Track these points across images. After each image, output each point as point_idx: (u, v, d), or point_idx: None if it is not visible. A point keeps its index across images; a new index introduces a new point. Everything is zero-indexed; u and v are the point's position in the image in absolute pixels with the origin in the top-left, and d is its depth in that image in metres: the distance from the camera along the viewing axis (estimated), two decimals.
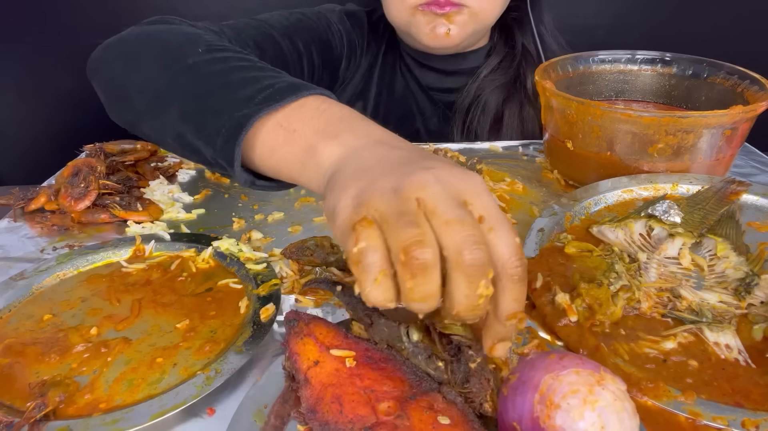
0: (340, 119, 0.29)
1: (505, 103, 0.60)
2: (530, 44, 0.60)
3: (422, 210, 0.21)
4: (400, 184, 0.22)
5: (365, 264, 0.21)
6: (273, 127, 0.30)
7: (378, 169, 0.24)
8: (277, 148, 0.29)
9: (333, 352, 0.25)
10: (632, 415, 0.20)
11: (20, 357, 0.30)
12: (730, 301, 0.31)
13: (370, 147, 0.26)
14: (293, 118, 0.29)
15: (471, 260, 0.20)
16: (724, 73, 0.49)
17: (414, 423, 0.21)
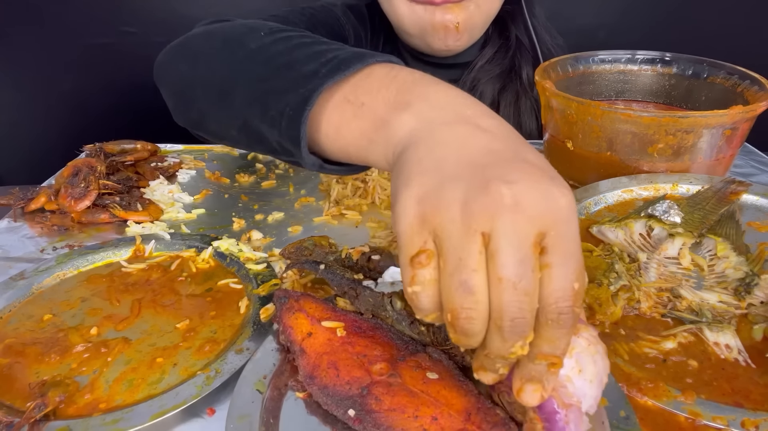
0: (413, 84, 0.25)
1: (500, 93, 0.60)
2: (524, 36, 0.60)
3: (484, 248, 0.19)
4: (470, 200, 0.19)
5: (417, 306, 0.21)
6: (339, 102, 0.27)
7: (452, 163, 0.21)
8: (344, 125, 0.27)
9: (324, 324, 0.26)
10: (604, 357, 0.22)
11: (20, 357, 0.29)
12: (730, 301, 0.31)
13: (449, 124, 0.23)
14: (360, 89, 0.27)
15: (510, 327, 0.19)
16: (724, 73, 0.49)
17: (406, 379, 0.24)
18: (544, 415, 0.22)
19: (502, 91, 0.60)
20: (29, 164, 0.67)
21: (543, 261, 0.19)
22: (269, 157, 0.56)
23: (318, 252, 0.36)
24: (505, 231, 0.19)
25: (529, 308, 0.19)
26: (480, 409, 0.23)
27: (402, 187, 0.21)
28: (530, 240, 0.19)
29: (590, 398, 0.22)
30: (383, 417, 0.23)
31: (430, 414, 0.23)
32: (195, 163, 0.54)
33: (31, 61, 0.80)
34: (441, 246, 0.20)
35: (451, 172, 0.20)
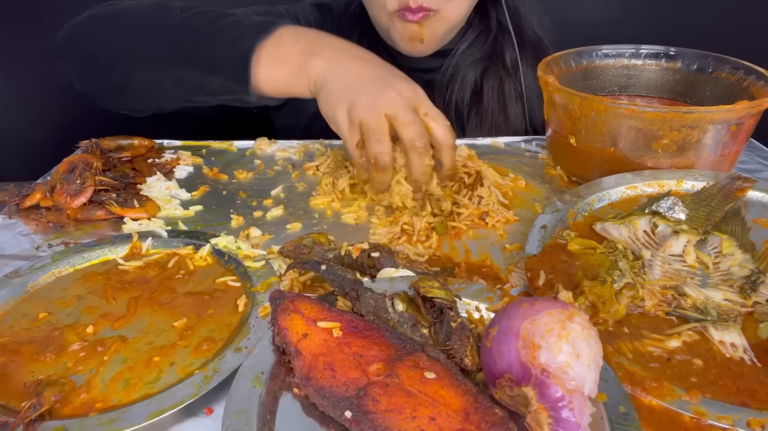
0: (316, 39, 0.42)
1: (483, 77, 0.60)
2: (505, 20, 0.60)
3: (391, 122, 0.38)
4: (375, 102, 0.38)
5: (359, 164, 0.40)
6: (267, 58, 0.42)
7: (357, 85, 0.39)
8: (273, 71, 0.42)
9: (320, 324, 0.26)
10: (597, 340, 0.23)
11: (15, 356, 0.29)
12: (736, 299, 0.31)
13: (347, 60, 0.41)
14: (280, 47, 0.42)
15: (420, 145, 0.38)
16: (730, 68, 0.48)
17: (403, 380, 0.24)
18: (549, 403, 0.22)
19: (485, 75, 0.60)
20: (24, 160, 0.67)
21: (427, 119, 0.39)
22: (268, 154, 0.55)
23: (317, 249, 0.36)
24: (398, 107, 0.38)
25: (424, 134, 0.38)
26: (479, 409, 0.23)
27: (335, 107, 0.39)
28: (411, 107, 0.39)
29: (590, 382, 0.22)
30: (380, 418, 0.22)
31: (428, 414, 0.22)
32: (192, 159, 0.53)
33: (25, 55, 0.79)
34: (365, 131, 0.38)
35: (359, 90, 0.39)
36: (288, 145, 0.56)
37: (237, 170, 0.51)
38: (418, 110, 0.39)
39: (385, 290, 0.30)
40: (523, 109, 0.61)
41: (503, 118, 0.61)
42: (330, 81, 0.40)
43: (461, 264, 0.37)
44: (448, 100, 0.60)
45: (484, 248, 0.39)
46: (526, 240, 0.36)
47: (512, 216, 0.42)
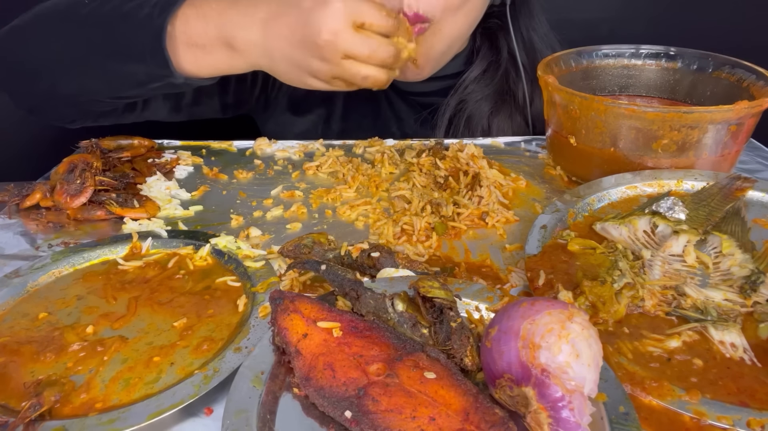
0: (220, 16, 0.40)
1: (492, 117, 0.56)
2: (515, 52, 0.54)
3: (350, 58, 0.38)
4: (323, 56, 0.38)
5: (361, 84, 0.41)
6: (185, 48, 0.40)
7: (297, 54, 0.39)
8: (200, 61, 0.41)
9: (320, 324, 0.26)
10: (597, 340, 0.23)
11: (15, 356, 0.29)
12: (736, 299, 0.31)
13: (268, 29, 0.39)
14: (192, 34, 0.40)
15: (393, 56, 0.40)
16: (729, 68, 0.48)
17: (403, 380, 0.24)
18: (549, 403, 0.22)
19: (495, 114, 0.56)
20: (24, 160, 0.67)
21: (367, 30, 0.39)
22: (268, 154, 0.55)
23: (317, 249, 0.36)
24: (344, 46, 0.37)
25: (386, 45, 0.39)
26: (478, 409, 0.23)
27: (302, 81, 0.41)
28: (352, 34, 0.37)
29: (590, 381, 0.22)
30: (380, 418, 0.22)
31: (428, 414, 0.22)
32: (192, 159, 0.53)
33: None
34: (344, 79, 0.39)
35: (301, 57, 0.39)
36: (288, 145, 0.56)
37: (237, 170, 0.51)
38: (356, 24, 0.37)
39: (385, 290, 0.30)
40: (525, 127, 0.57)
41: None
42: (274, 62, 0.40)
43: (461, 264, 0.37)
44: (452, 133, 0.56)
45: (484, 248, 0.39)
46: (526, 240, 0.36)
47: (512, 216, 0.42)
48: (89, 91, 0.46)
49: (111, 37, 0.42)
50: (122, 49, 0.42)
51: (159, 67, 0.41)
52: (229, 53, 0.40)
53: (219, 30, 0.40)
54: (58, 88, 0.45)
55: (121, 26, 0.42)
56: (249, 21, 0.39)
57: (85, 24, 0.43)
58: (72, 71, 0.44)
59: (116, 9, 0.42)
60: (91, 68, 0.44)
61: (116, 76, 0.44)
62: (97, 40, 0.43)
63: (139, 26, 0.41)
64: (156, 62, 0.41)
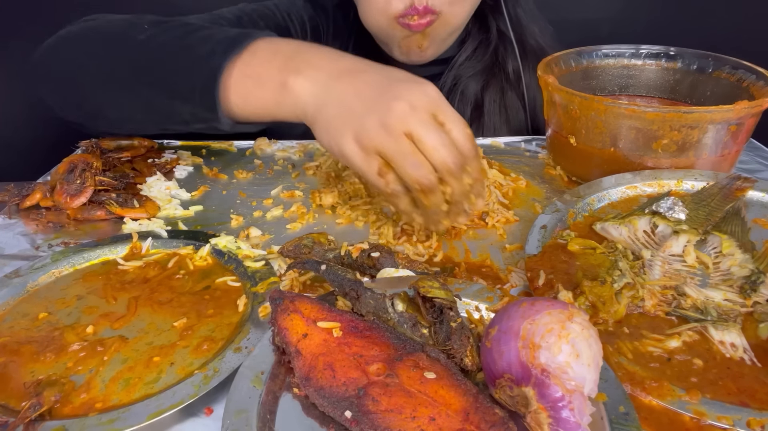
0: (295, 54, 0.36)
1: (484, 90, 0.58)
2: (507, 29, 0.58)
3: (412, 140, 0.31)
4: (385, 120, 0.31)
5: (397, 198, 0.33)
6: (240, 78, 0.36)
7: (358, 106, 0.32)
8: (250, 94, 0.36)
9: (320, 324, 0.26)
10: (597, 340, 0.23)
11: (15, 356, 0.29)
12: (736, 299, 0.31)
13: (338, 77, 0.34)
14: (254, 64, 0.36)
15: (456, 168, 0.32)
16: (730, 68, 0.48)
17: (403, 380, 0.24)
18: (549, 403, 0.22)
19: (486, 88, 0.58)
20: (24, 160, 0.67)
21: (444, 129, 0.32)
22: (268, 154, 0.55)
23: (317, 249, 0.36)
24: (416, 124, 0.31)
25: (456, 154, 0.32)
26: (478, 409, 0.23)
27: (339, 138, 0.33)
28: (431, 120, 0.32)
29: (590, 382, 0.22)
30: (380, 418, 0.22)
31: (428, 414, 0.22)
32: (192, 159, 0.53)
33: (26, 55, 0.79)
34: (388, 157, 0.32)
35: (361, 111, 0.32)
36: (288, 145, 0.56)
37: (237, 170, 0.51)
38: (437, 119, 0.32)
39: (385, 290, 0.30)
40: (526, 120, 0.60)
41: (506, 130, 0.59)
42: (324, 107, 0.33)
43: (461, 264, 0.37)
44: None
45: (484, 248, 0.39)
46: (526, 240, 0.36)
47: (512, 216, 0.42)
48: (131, 119, 0.43)
49: (161, 68, 0.38)
50: (170, 84, 0.38)
51: (206, 110, 0.37)
52: (279, 90, 0.35)
53: (286, 60, 0.35)
54: (102, 110, 0.43)
55: (176, 60, 0.38)
56: (325, 63, 0.34)
57: (137, 49, 0.40)
58: (116, 98, 0.42)
59: (176, 39, 0.39)
60: (135, 99, 0.41)
61: (160, 111, 0.40)
62: (146, 70, 0.39)
63: (195, 63, 0.37)
64: (203, 104, 0.37)
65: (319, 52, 0.36)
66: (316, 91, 0.34)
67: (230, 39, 0.37)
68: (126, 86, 0.40)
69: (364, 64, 0.35)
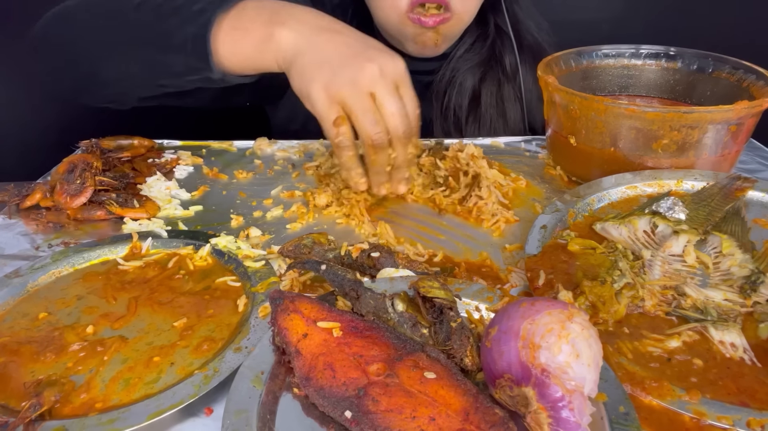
0: (281, 9, 0.39)
1: (481, 83, 0.59)
2: (504, 24, 0.59)
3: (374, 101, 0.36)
4: (355, 77, 0.35)
5: (341, 147, 0.37)
6: (229, 30, 0.39)
7: (335, 59, 0.36)
8: (237, 44, 0.39)
9: (320, 324, 0.26)
10: (597, 340, 0.23)
11: (15, 356, 0.29)
12: (736, 299, 0.31)
13: (320, 32, 0.38)
14: (242, 19, 0.39)
15: (405, 135, 0.37)
16: (730, 68, 0.48)
17: (403, 380, 0.24)
18: (549, 403, 0.22)
19: (483, 81, 0.59)
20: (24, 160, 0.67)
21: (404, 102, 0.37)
22: (268, 154, 0.55)
23: (317, 249, 0.36)
24: (382, 88, 0.36)
25: (407, 124, 0.37)
26: (478, 409, 0.23)
27: (309, 82, 0.36)
28: (395, 88, 0.37)
29: (590, 382, 0.22)
30: (380, 418, 0.22)
31: (428, 414, 0.22)
32: (192, 159, 0.53)
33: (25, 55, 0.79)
34: (350, 109, 0.36)
35: (336, 63, 0.36)
36: (288, 145, 0.56)
37: (237, 170, 0.51)
38: (398, 90, 0.37)
39: (385, 290, 0.30)
40: (522, 114, 0.60)
41: (502, 122, 0.60)
42: (302, 54, 0.37)
43: (461, 264, 0.37)
44: (446, 106, 0.59)
45: (484, 248, 0.39)
46: (526, 240, 0.36)
47: (512, 216, 0.42)
48: (127, 77, 0.46)
49: (156, 27, 0.42)
50: (165, 39, 0.41)
51: (198, 59, 0.40)
52: (265, 40, 0.38)
53: (271, 14, 0.38)
54: (99, 72, 0.46)
55: (169, 18, 0.41)
56: (309, 18, 0.38)
57: (134, 12, 0.43)
58: (113, 57, 0.44)
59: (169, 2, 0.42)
60: (133, 56, 0.44)
61: (156, 66, 0.43)
62: (142, 28, 0.43)
63: (187, 18, 0.40)
64: (196, 54, 0.40)
65: (303, 9, 0.39)
66: (297, 40, 0.37)
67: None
68: (123, 45, 0.43)
69: (344, 26, 0.39)
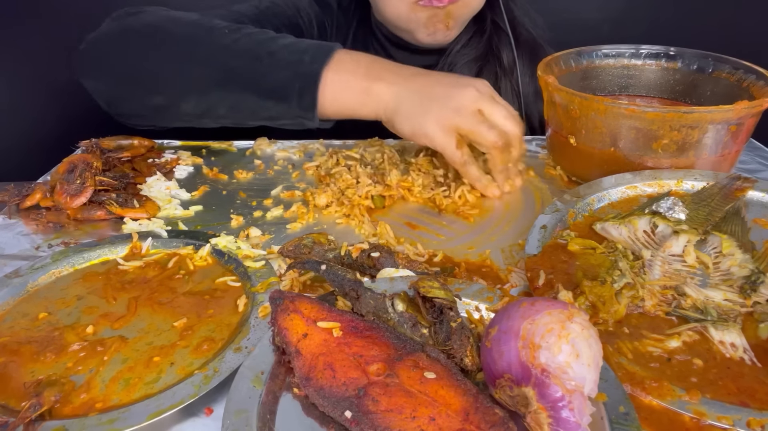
0: (373, 62, 0.45)
1: (478, 76, 0.60)
2: (501, 20, 0.60)
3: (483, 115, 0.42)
4: (460, 103, 0.42)
5: (468, 167, 0.43)
6: (330, 80, 0.43)
7: (435, 96, 0.42)
8: (338, 94, 0.44)
9: (320, 324, 0.26)
10: (597, 340, 0.23)
11: (15, 356, 0.29)
12: (736, 299, 0.31)
13: (411, 78, 0.44)
14: (341, 72, 0.44)
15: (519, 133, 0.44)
16: (730, 68, 0.48)
17: (403, 380, 0.24)
18: (549, 403, 0.22)
19: (480, 75, 0.60)
20: (24, 160, 0.67)
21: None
22: (268, 154, 0.55)
23: (317, 249, 0.36)
24: (485, 102, 0.42)
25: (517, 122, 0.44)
26: (478, 409, 0.23)
27: (422, 122, 0.42)
28: (495, 100, 0.43)
29: (590, 382, 0.22)
30: (380, 418, 0.22)
31: (428, 414, 0.22)
32: (192, 159, 0.53)
33: (25, 55, 0.79)
34: (466, 130, 0.42)
35: (438, 98, 0.42)
36: (288, 145, 0.56)
37: (237, 170, 0.51)
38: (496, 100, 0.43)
39: (385, 290, 0.30)
40: (519, 109, 0.61)
41: None
42: (404, 102, 0.42)
43: (461, 264, 0.37)
44: None
45: (484, 248, 0.39)
46: (526, 240, 0.36)
47: (512, 216, 0.43)
48: (212, 115, 0.46)
49: (254, 73, 0.44)
50: (265, 87, 0.43)
51: (301, 109, 0.44)
52: (364, 93, 0.43)
53: (368, 68, 0.43)
54: (178, 106, 0.46)
55: (267, 64, 0.43)
56: (398, 71, 0.44)
57: (224, 53, 0.44)
58: (200, 96, 0.45)
59: (260, 45, 0.44)
60: (223, 98, 0.45)
61: (248, 109, 0.45)
62: (238, 72, 0.44)
63: (288, 68, 0.43)
64: (301, 104, 0.43)
65: (391, 63, 0.45)
66: (397, 91, 0.43)
67: (314, 48, 0.44)
68: (212, 86, 0.44)
69: (426, 71, 0.45)
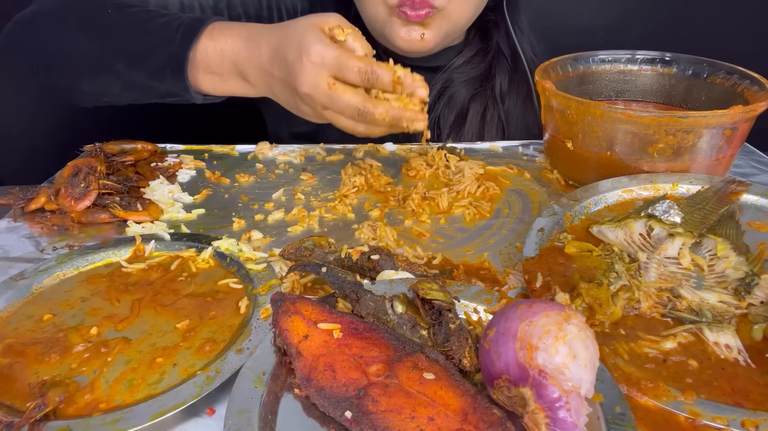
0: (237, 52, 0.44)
1: (471, 101, 0.60)
2: (504, 45, 0.59)
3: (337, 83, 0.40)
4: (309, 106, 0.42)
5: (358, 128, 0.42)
6: (197, 67, 0.44)
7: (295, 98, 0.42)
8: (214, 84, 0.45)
9: (320, 326, 0.27)
10: (593, 341, 0.24)
11: (20, 357, 0.30)
12: (730, 301, 0.31)
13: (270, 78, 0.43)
14: (210, 63, 0.44)
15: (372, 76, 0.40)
16: (724, 73, 0.49)
17: (402, 380, 0.24)
18: (546, 404, 0.22)
19: (473, 99, 0.59)
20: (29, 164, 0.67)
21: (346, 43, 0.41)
22: (269, 158, 0.56)
23: (318, 252, 0.36)
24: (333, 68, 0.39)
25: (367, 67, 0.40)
26: (477, 409, 0.23)
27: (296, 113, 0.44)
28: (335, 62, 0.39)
29: (587, 382, 0.22)
30: (380, 418, 0.23)
31: (427, 414, 0.23)
32: (195, 163, 0.54)
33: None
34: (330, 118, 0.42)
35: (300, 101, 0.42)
36: (289, 149, 0.57)
37: (239, 174, 0.52)
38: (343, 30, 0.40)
39: (385, 292, 0.30)
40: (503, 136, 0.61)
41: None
42: (276, 99, 0.44)
43: (459, 267, 0.37)
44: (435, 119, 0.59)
45: (483, 251, 0.39)
46: (523, 243, 0.37)
47: (511, 216, 0.43)
48: (109, 94, 0.48)
49: (135, 54, 0.45)
50: (146, 67, 0.45)
51: (180, 89, 0.45)
52: (243, 83, 0.45)
53: (233, 65, 0.44)
54: (79, 86, 0.48)
55: (145, 44, 0.45)
56: (255, 62, 0.43)
57: (108, 34, 0.46)
58: (93, 76, 0.47)
59: (140, 25, 0.46)
60: (114, 78, 0.47)
61: (138, 88, 0.47)
62: (122, 53, 0.46)
63: (162, 46, 0.44)
64: (177, 84, 0.45)
65: (252, 49, 0.43)
66: (261, 90, 0.45)
67: (185, 27, 0.44)
68: (102, 67, 0.46)
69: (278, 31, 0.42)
